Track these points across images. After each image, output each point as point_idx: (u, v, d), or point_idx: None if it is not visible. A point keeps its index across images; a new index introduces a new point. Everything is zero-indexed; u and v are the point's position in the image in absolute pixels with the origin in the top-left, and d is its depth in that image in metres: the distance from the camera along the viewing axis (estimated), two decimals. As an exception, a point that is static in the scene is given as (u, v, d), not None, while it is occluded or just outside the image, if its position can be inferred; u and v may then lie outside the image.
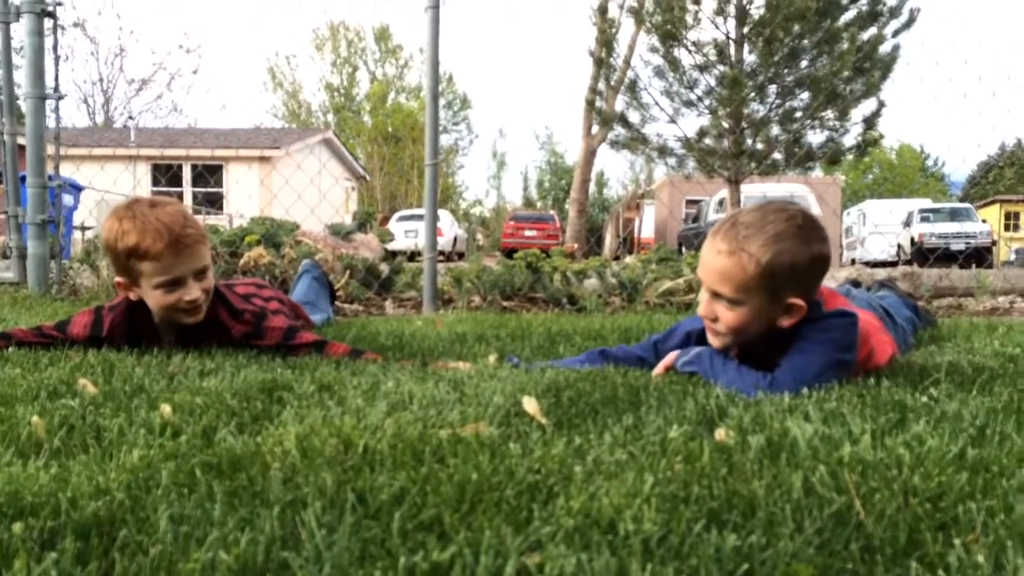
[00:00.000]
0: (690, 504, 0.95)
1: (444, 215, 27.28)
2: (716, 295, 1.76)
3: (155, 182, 21.14)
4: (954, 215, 22.76)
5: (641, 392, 1.62)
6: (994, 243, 22.01)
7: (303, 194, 5.56)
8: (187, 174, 21.88)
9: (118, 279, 2.21)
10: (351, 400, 1.53)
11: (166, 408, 1.44)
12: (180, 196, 21.60)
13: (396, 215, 25.96)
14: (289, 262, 4.29)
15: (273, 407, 1.50)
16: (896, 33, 16.04)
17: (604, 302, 4.24)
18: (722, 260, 1.72)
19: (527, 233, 26.06)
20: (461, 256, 26.75)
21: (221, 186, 21.79)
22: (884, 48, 15.98)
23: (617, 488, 0.99)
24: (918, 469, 1.05)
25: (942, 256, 17.69)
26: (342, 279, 4.37)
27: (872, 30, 16.00)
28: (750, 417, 1.37)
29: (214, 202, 21.40)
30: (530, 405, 1.46)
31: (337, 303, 3.97)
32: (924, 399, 1.53)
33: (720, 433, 1.28)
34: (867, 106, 16.38)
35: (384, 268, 4.78)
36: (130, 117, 29.20)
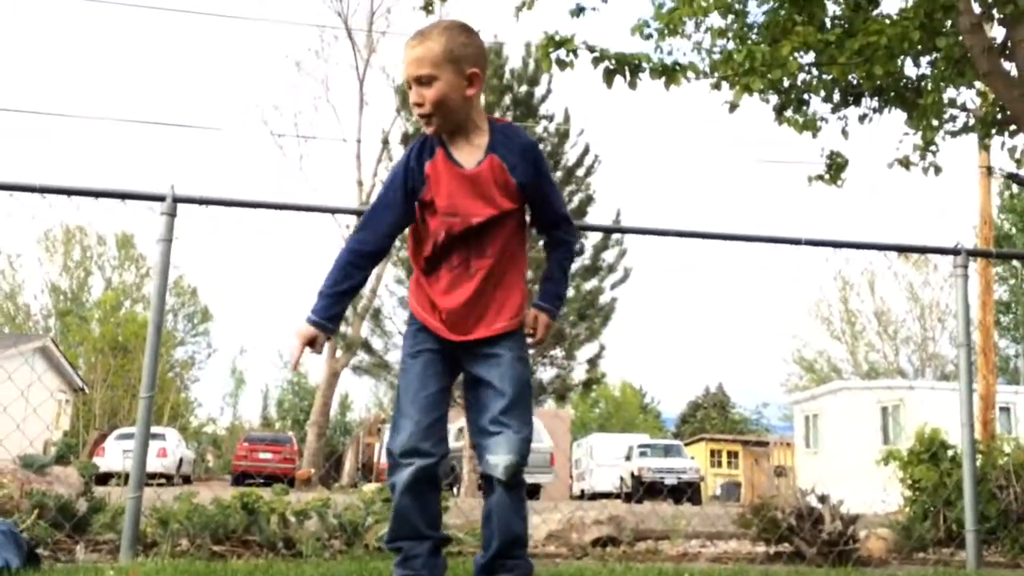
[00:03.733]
0: None
1: (171, 434, 25.42)
2: (418, 81, 2.26)
3: None
4: (667, 451, 24.86)
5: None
6: (701, 479, 24.11)
7: (7, 408, 5.00)
8: None
9: None
10: None
11: None
12: None
13: (115, 432, 23.81)
14: (-38, 500, 3.79)
15: None
16: (614, 286, 18.13)
17: (323, 545, 4.11)
18: (416, 51, 2.27)
19: (262, 456, 24.80)
20: (187, 480, 24.71)
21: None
22: (604, 298, 17.96)
23: None
24: None
25: (659, 489, 19.07)
26: (28, 519, 3.91)
27: (594, 281, 18.00)
28: None
29: None
30: None
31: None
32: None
33: None
34: (591, 348, 18.03)
35: (82, 505, 4.35)
36: None
